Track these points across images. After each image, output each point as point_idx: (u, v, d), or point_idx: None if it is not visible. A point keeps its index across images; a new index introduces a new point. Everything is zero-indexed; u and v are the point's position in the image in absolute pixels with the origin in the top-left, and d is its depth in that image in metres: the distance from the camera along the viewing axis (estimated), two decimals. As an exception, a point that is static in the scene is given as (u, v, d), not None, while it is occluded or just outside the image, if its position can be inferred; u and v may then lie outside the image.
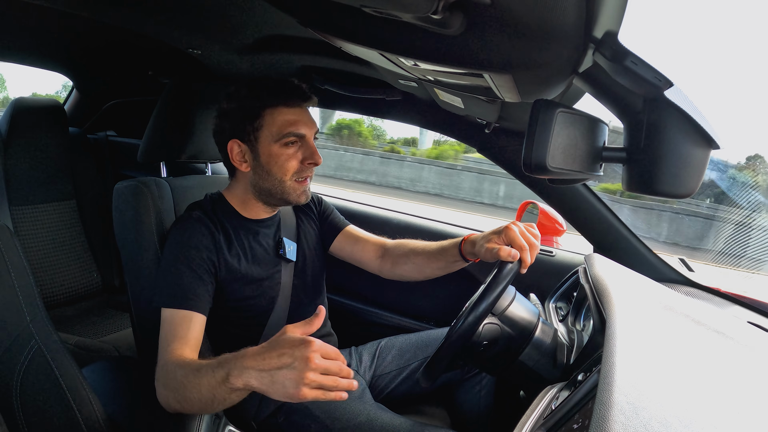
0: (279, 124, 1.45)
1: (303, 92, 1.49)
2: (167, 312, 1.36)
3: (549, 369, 1.35)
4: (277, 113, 1.46)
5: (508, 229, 1.33)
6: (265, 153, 1.47)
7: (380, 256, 1.71)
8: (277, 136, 1.45)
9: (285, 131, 1.45)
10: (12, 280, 1.03)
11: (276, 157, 1.47)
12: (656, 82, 0.74)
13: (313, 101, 1.53)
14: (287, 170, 1.47)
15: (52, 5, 1.58)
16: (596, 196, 1.96)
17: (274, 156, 1.47)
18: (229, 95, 1.50)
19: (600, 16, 0.72)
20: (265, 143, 1.47)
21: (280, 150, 1.46)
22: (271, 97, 1.46)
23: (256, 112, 1.46)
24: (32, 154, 2.60)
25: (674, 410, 0.77)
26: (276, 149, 1.46)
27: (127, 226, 1.56)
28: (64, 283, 2.64)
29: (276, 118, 1.46)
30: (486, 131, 1.97)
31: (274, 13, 1.40)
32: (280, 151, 1.46)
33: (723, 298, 1.78)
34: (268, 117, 1.46)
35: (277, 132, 1.45)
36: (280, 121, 1.45)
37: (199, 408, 1.15)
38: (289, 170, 1.47)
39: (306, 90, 1.50)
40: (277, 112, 1.46)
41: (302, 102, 1.49)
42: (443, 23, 0.73)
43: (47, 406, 0.99)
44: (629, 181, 0.88)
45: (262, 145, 1.47)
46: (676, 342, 1.08)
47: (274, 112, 1.46)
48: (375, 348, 1.83)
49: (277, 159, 1.47)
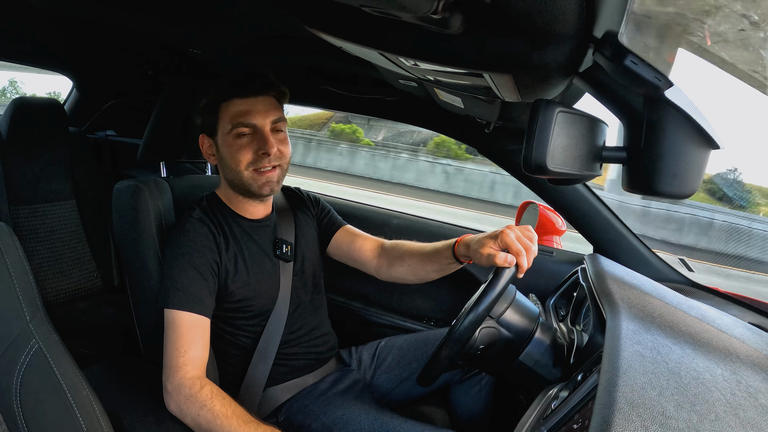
0: (231, 115, 1.48)
1: (255, 85, 1.50)
2: (173, 314, 1.37)
3: (549, 369, 1.35)
4: (231, 105, 1.48)
5: (503, 234, 1.30)
6: (222, 145, 1.51)
7: (377, 257, 1.71)
8: (229, 128, 1.48)
9: (235, 122, 1.47)
10: (12, 280, 1.03)
11: (229, 148, 1.49)
12: (656, 82, 0.74)
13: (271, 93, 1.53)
14: (240, 161, 1.48)
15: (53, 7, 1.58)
16: (596, 196, 1.96)
17: (228, 147, 1.49)
18: (197, 93, 1.54)
19: (600, 16, 0.72)
20: (222, 135, 1.50)
21: (233, 141, 1.48)
22: (227, 90, 1.48)
23: (215, 106, 1.49)
24: (32, 154, 2.60)
25: (674, 411, 0.77)
26: (229, 140, 1.49)
27: (127, 226, 1.56)
28: (64, 283, 2.63)
29: (229, 110, 1.48)
30: (486, 131, 1.97)
31: (274, 13, 1.40)
32: (233, 142, 1.48)
33: (723, 299, 1.78)
34: (224, 109, 1.49)
35: (229, 123, 1.48)
36: (232, 112, 1.48)
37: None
38: (242, 161, 1.48)
39: (263, 81, 1.51)
40: (231, 104, 1.48)
41: (256, 92, 1.49)
42: (443, 23, 0.72)
43: (47, 406, 0.99)
44: (629, 181, 0.88)
45: (220, 137, 1.51)
46: (676, 343, 1.08)
47: (228, 105, 1.48)
48: (375, 348, 1.83)
49: (230, 150, 1.49)
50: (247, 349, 1.56)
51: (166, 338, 1.36)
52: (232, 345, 1.56)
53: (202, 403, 1.25)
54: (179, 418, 1.29)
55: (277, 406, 1.58)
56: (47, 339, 1.04)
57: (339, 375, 1.69)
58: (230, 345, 1.56)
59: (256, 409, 1.54)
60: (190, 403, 1.26)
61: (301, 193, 1.83)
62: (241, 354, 1.57)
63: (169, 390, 1.30)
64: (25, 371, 0.99)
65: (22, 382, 0.98)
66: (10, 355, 0.99)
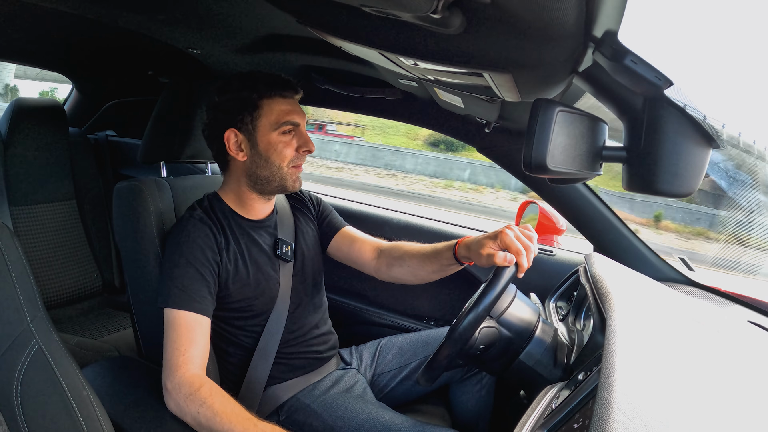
0: (277, 113, 1.49)
1: (294, 85, 1.54)
2: (173, 313, 1.37)
3: (549, 368, 1.35)
4: (274, 103, 1.50)
5: (503, 234, 1.31)
6: (263, 141, 1.50)
7: (376, 258, 1.70)
8: (275, 125, 1.49)
9: (283, 119, 1.49)
10: (12, 280, 1.03)
11: (275, 145, 1.50)
12: (656, 81, 0.74)
13: (301, 94, 1.58)
14: (285, 157, 1.51)
15: (53, 5, 1.58)
16: (596, 195, 1.96)
17: (273, 143, 1.50)
18: (221, 88, 1.53)
19: (600, 15, 0.72)
20: (264, 131, 1.50)
21: (278, 138, 1.50)
22: (267, 88, 1.50)
23: (253, 102, 1.49)
24: (32, 154, 2.60)
25: (674, 410, 0.77)
26: (275, 137, 1.50)
27: (127, 226, 1.56)
28: (65, 283, 2.64)
29: (273, 108, 1.50)
30: (486, 131, 1.97)
31: (274, 13, 1.40)
32: (279, 139, 1.50)
33: (723, 298, 1.78)
34: (266, 107, 1.49)
35: (276, 120, 1.49)
36: (278, 110, 1.50)
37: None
38: (286, 157, 1.51)
39: (294, 84, 1.55)
40: (274, 102, 1.50)
41: (295, 93, 1.54)
42: (443, 22, 0.73)
43: (47, 406, 0.99)
44: (629, 180, 0.88)
45: (261, 133, 1.50)
46: (677, 341, 1.08)
47: (271, 102, 1.50)
48: (375, 347, 1.83)
49: (275, 146, 1.50)
50: (247, 348, 1.56)
51: (166, 337, 1.36)
52: (233, 344, 1.56)
53: (202, 401, 1.25)
54: (179, 416, 1.29)
55: (278, 405, 1.58)
56: (48, 339, 1.04)
57: (340, 374, 1.69)
58: (230, 344, 1.56)
59: (256, 408, 1.54)
60: (190, 401, 1.26)
61: (303, 194, 1.83)
62: (241, 353, 1.57)
63: (168, 389, 1.30)
64: (25, 371, 0.99)
65: (23, 382, 0.98)
66: (10, 356, 0.99)
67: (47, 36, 2.30)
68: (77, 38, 2.34)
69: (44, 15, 1.91)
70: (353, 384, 1.65)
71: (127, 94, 3.15)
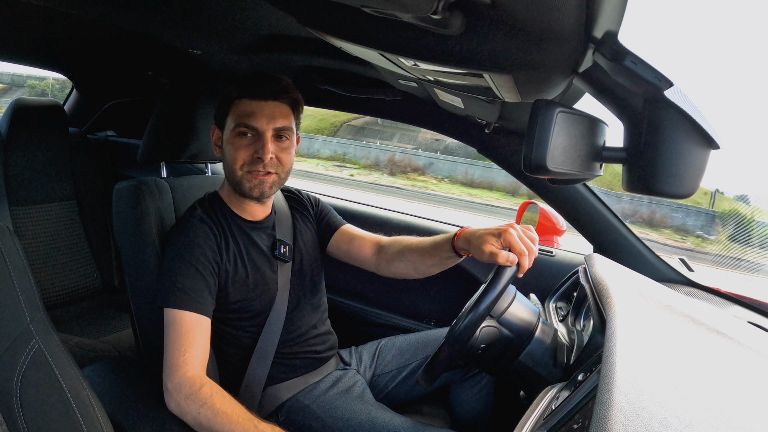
0: (238, 113, 1.49)
1: (272, 88, 1.50)
2: (174, 313, 1.37)
3: (549, 369, 1.35)
4: (241, 104, 1.50)
5: (507, 233, 1.29)
6: (225, 140, 1.53)
7: (376, 254, 1.70)
8: (233, 125, 1.50)
9: (239, 121, 1.49)
10: (12, 280, 1.03)
11: (230, 145, 1.51)
12: (656, 82, 0.74)
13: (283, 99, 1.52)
14: (236, 159, 1.50)
15: (53, 5, 1.58)
16: (596, 196, 1.96)
17: (229, 144, 1.51)
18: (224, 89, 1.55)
19: (600, 16, 0.72)
20: (227, 130, 1.52)
21: (234, 139, 1.50)
22: (241, 88, 1.50)
23: (228, 101, 1.52)
24: (32, 155, 2.60)
25: (674, 410, 0.77)
26: (231, 137, 1.50)
27: (127, 226, 1.56)
28: (64, 284, 2.64)
29: (238, 108, 1.50)
30: (486, 131, 1.97)
31: (274, 13, 1.40)
32: (234, 140, 1.50)
33: (723, 298, 1.78)
34: (234, 106, 1.51)
35: (234, 121, 1.50)
36: (240, 111, 1.49)
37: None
38: (237, 160, 1.50)
39: (278, 88, 1.51)
40: (241, 103, 1.50)
41: (266, 96, 1.49)
42: (443, 23, 0.73)
43: (47, 406, 0.99)
44: (629, 181, 0.87)
45: (225, 132, 1.53)
46: (677, 342, 1.08)
47: (239, 103, 1.50)
48: (375, 347, 1.84)
49: (230, 147, 1.51)
50: (246, 348, 1.56)
51: (166, 337, 1.36)
52: (232, 344, 1.57)
53: (202, 402, 1.25)
54: (179, 416, 1.29)
55: (277, 405, 1.58)
56: (47, 339, 1.04)
57: (339, 374, 1.69)
58: (230, 344, 1.57)
59: (256, 408, 1.54)
60: (190, 401, 1.26)
61: (301, 194, 1.83)
62: (240, 353, 1.57)
63: (169, 389, 1.31)
64: (25, 371, 0.99)
65: (23, 382, 0.98)
66: (10, 356, 0.99)
67: (48, 36, 2.30)
68: (78, 38, 2.35)
69: (45, 15, 1.92)
70: (353, 384, 1.65)
71: (127, 95, 3.16)
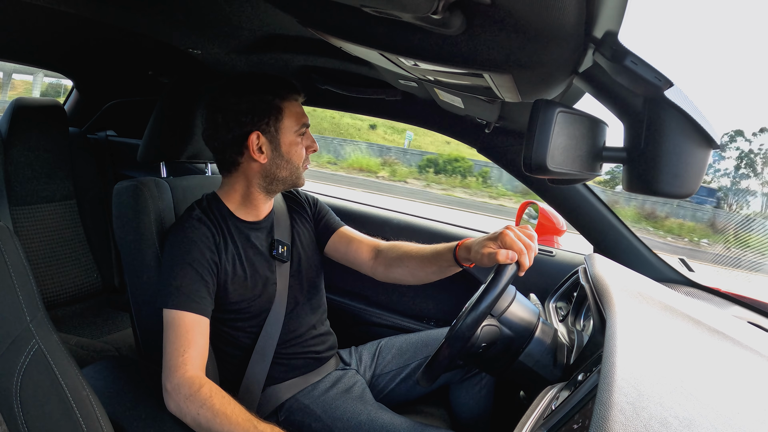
0: (296, 114, 1.55)
1: (296, 87, 1.58)
2: (172, 314, 1.37)
3: (549, 369, 1.35)
4: (293, 106, 1.55)
5: (503, 235, 1.31)
6: (286, 143, 1.54)
7: (373, 259, 1.70)
8: (296, 126, 1.54)
9: (302, 121, 1.55)
10: (12, 280, 1.03)
11: (295, 146, 1.55)
12: (656, 82, 0.74)
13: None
14: (302, 157, 1.57)
15: (52, 5, 1.58)
16: (596, 196, 1.96)
17: (294, 145, 1.55)
18: (234, 90, 1.51)
19: (600, 16, 0.72)
20: (286, 134, 1.54)
21: (297, 139, 1.55)
22: (286, 91, 1.54)
23: (277, 106, 1.52)
24: (32, 154, 2.60)
25: (674, 410, 0.77)
26: (295, 138, 1.55)
27: (127, 226, 1.56)
28: (65, 284, 2.64)
29: (292, 110, 1.54)
30: (486, 131, 1.97)
31: (274, 13, 1.40)
32: (297, 140, 1.55)
33: (723, 298, 1.78)
34: (287, 109, 1.53)
35: (296, 122, 1.54)
36: (296, 112, 1.55)
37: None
38: (302, 157, 1.57)
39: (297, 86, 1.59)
40: (291, 105, 1.54)
41: (299, 94, 1.59)
42: (443, 23, 0.73)
43: (47, 406, 0.99)
44: (629, 181, 0.88)
45: (284, 135, 1.53)
46: (677, 342, 1.08)
47: (290, 105, 1.54)
48: (375, 347, 1.84)
49: (296, 148, 1.55)
50: (245, 348, 1.57)
51: (166, 338, 1.36)
52: (231, 344, 1.57)
53: (202, 402, 1.25)
54: (179, 417, 1.29)
55: (277, 406, 1.58)
56: (47, 339, 1.04)
57: (339, 374, 1.69)
58: (229, 344, 1.57)
59: (255, 409, 1.54)
60: (190, 402, 1.26)
61: (299, 194, 1.83)
62: (240, 353, 1.57)
63: (168, 389, 1.31)
64: (25, 372, 0.99)
65: (23, 382, 0.98)
66: (10, 356, 0.99)
67: (48, 36, 2.30)
68: (78, 38, 2.35)
69: (45, 15, 1.91)
70: (352, 385, 1.65)
71: (127, 94, 3.16)
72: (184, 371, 1.31)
